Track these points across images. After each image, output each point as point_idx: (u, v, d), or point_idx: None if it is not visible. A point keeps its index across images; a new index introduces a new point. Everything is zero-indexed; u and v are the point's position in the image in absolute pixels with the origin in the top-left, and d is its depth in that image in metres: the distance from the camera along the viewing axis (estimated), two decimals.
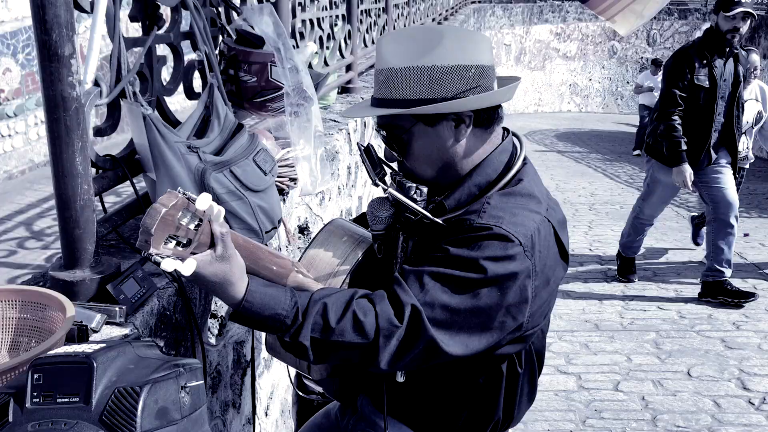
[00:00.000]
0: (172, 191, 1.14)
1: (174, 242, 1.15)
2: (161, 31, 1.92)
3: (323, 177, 2.17)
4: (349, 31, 4.20)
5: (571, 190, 9.25)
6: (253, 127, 2.46)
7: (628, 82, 18.63)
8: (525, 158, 1.56)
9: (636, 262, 5.55)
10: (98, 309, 1.48)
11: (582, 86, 19.40)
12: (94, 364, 1.05)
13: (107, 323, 1.49)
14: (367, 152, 1.54)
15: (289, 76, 2.14)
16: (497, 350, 1.48)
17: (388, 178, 1.56)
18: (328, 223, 1.71)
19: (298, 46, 2.97)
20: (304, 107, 2.12)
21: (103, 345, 1.12)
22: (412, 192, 1.52)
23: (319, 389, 2.07)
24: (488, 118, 1.49)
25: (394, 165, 1.59)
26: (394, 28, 6.09)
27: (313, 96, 2.14)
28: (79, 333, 1.42)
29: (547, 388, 3.78)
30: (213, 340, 1.95)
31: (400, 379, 1.54)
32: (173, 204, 1.12)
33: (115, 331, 1.48)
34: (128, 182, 1.77)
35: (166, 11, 1.93)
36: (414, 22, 7.43)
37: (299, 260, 1.64)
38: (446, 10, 11.27)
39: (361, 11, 4.62)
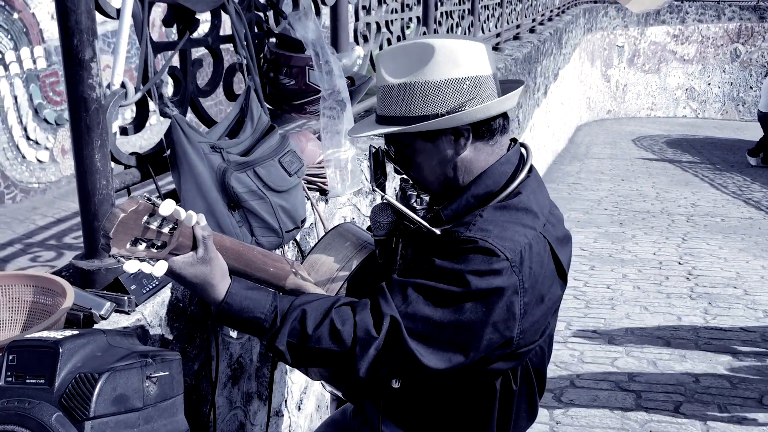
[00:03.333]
0: (134, 197, 1.20)
1: (144, 245, 1.20)
2: (200, 35, 2.01)
3: (353, 179, 2.21)
4: (425, 32, 4.21)
5: (671, 200, 8.85)
6: (301, 128, 2.52)
7: (751, 88, 17.61)
8: (531, 169, 1.53)
9: (728, 279, 5.27)
10: (109, 297, 1.58)
11: (699, 91, 18.48)
12: (60, 350, 1.14)
13: (116, 311, 1.58)
14: (375, 157, 1.56)
15: (325, 80, 2.19)
16: (489, 365, 1.46)
17: (393, 185, 1.57)
18: (335, 227, 1.74)
19: None
20: (337, 110, 2.17)
21: (75, 332, 1.20)
22: (413, 200, 1.52)
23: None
24: (489, 129, 1.48)
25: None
26: (482, 31, 6.02)
27: (346, 100, 2.18)
28: (85, 319, 1.52)
29: (603, 404, 3.67)
30: (233, 334, 2.02)
31: (395, 385, 1.54)
32: (134, 209, 1.16)
33: (123, 319, 1.58)
34: (162, 178, 1.87)
35: (206, 16, 2.02)
36: (508, 23, 7.29)
37: (303, 261, 1.68)
38: (550, 11, 10.93)
39: (441, 13, 4.61)
